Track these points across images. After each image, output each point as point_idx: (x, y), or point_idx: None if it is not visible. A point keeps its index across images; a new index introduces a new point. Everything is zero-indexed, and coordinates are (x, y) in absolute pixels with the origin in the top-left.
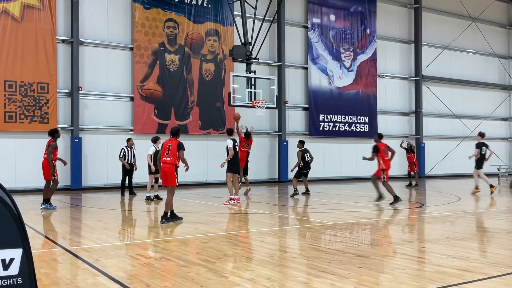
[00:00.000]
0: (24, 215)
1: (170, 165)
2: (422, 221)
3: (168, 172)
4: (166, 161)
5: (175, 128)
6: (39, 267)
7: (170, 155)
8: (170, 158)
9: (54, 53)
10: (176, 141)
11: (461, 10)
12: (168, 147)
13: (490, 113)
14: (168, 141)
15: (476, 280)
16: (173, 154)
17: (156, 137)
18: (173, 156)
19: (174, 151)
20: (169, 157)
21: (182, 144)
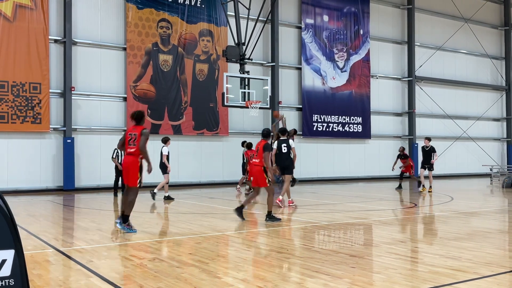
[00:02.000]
0: (16, 216)
1: (259, 167)
2: (415, 221)
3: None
4: (254, 163)
5: (265, 131)
6: (31, 268)
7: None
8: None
9: (46, 53)
10: (264, 142)
11: (454, 11)
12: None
13: (483, 113)
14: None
15: (468, 280)
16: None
17: (166, 137)
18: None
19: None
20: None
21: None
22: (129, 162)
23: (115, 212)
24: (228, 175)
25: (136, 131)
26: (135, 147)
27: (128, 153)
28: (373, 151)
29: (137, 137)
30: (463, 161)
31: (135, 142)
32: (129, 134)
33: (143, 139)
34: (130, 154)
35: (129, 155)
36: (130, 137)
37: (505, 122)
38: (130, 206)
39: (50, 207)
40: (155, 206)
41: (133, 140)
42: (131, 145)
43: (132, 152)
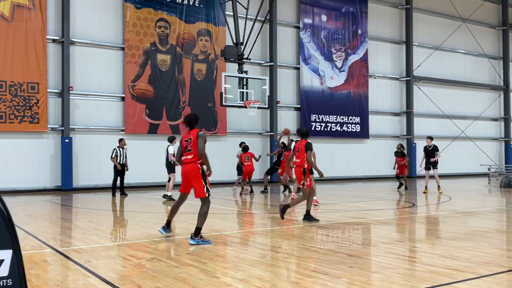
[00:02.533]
0: (14, 216)
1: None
2: (413, 220)
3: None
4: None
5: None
6: (29, 268)
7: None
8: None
9: (44, 53)
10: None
11: (452, 11)
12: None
13: (481, 113)
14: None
15: (467, 279)
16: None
17: (173, 136)
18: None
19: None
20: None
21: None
22: (189, 171)
23: (113, 212)
24: (227, 175)
25: (191, 135)
26: (192, 152)
27: (186, 161)
28: (371, 151)
29: (193, 141)
30: (461, 161)
31: (191, 147)
32: (184, 140)
33: (200, 141)
34: (188, 161)
35: (188, 163)
36: (185, 143)
37: (503, 122)
38: (204, 217)
39: (48, 207)
40: (154, 206)
41: (188, 145)
42: (188, 151)
43: (190, 159)
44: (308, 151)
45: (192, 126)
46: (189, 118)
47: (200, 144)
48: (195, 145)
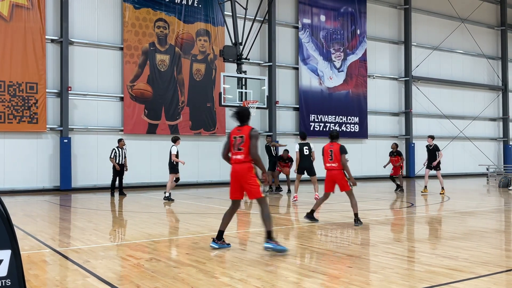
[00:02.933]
0: (13, 216)
1: (338, 171)
2: (412, 220)
3: (337, 178)
4: (332, 167)
5: (335, 132)
6: (28, 268)
7: (335, 161)
8: (336, 163)
9: (43, 53)
10: (338, 144)
11: (451, 11)
12: (330, 152)
13: (479, 113)
14: (328, 146)
15: (465, 279)
16: (337, 159)
17: (176, 136)
18: (338, 162)
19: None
20: (334, 163)
21: (344, 147)
22: (240, 171)
23: (112, 212)
24: (226, 175)
25: (243, 132)
26: (242, 152)
27: (236, 160)
28: (370, 151)
29: (245, 140)
30: (459, 161)
31: (242, 146)
32: (234, 137)
33: (254, 142)
34: (239, 161)
35: (238, 163)
36: (234, 140)
37: (502, 122)
38: (270, 219)
39: (46, 207)
40: (153, 206)
41: (239, 144)
42: (238, 150)
43: (241, 159)
44: (343, 154)
45: (243, 121)
46: (240, 113)
47: (254, 146)
48: (247, 145)
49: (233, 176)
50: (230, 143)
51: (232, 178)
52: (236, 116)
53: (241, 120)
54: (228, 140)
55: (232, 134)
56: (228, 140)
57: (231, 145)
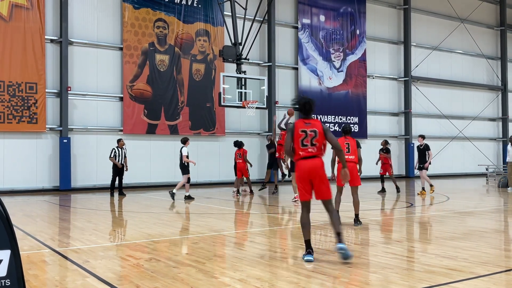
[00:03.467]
0: (12, 216)
1: (354, 163)
2: (411, 220)
3: (353, 171)
4: (349, 159)
5: (348, 127)
6: (27, 268)
7: (352, 153)
8: (353, 156)
9: (42, 53)
10: (353, 139)
11: (450, 11)
12: (347, 145)
13: (479, 113)
14: (344, 139)
15: (464, 279)
16: (355, 152)
17: (186, 138)
18: (355, 155)
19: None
20: (351, 155)
21: (359, 142)
22: (316, 168)
23: (111, 212)
24: (225, 175)
25: (315, 126)
26: (316, 147)
27: (309, 155)
28: (369, 151)
29: (319, 133)
30: (459, 161)
31: (316, 141)
32: (302, 131)
33: (331, 135)
34: (312, 156)
35: (312, 159)
36: (303, 135)
37: (501, 122)
38: (339, 220)
39: (46, 207)
40: (153, 206)
41: (311, 139)
42: (310, 146)
43: (315, 154)
44: (359, 148)
45: (309, 113)
46: (308, 104)
47: (334, 138)
48: (322, 139)
49: (305, 173)
50: (298, 137)
51: (304, 176)
52: (304, 107)
53: (308, 112)
54: (293, 134)
55: (298, 127)
56: (292, 134)
57: (298, 139)
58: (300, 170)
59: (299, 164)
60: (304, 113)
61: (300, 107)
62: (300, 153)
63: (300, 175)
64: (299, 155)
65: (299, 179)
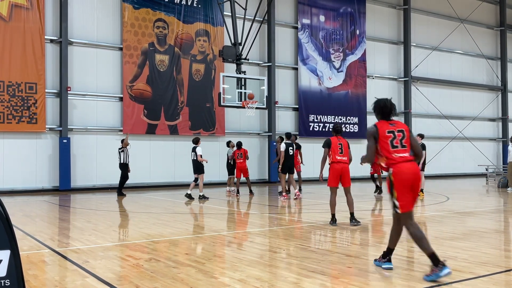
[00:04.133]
0: (12, 216)
1: (347, 164)
2: None
3: (345, 171)
4: (342, 160)
5: (339, 126)
6: (27, 268)
7: (345, 155)
8: (346, 157)
9: (42, 53)
10: (345, 139)
11: (450, 12)
12: (340, 145)
13: (478, 113)
14: (336, 139)
15: (464, 279)
16: (347, 153)
17: (197, 138)
18: (347, 156)
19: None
20: (344, 156)
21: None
22: (416, 171)
23: (111, 212)
24: (225, 175)
25: (401, 126)
26: (407, 149)
27: (405, 159)
28: None
29: (407, 135)
30: (459, 161)
31: (405, 143)
32: (388, 132)
33: (415, 138)
34: (408, 160)
35: (409, 162)
36: (391, 136)
37: (501, 122)
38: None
39: (46, 207)
40: (152, 206)
41: (402, 140)
42: (402, 148)
43: (409, 158)
44: (349, 148)
45: (390, 115)
46: (389, 106)
47: (416, 141)
48: (409, 141)
49: (407, 178)
50: (388, 139)
51: (406, 182)
52: (389, 109)
53: (388, 115)
54: (378, 135)
55: (384, 128)
56: (377, 135)
57: (389, 143)
58: (401, 175)
59: (397, 169)
60: (388, 115)
61: (387, 109)
62: (394, 156)
63: (402, 181)
64: (394, 159)
65: (401, 186)
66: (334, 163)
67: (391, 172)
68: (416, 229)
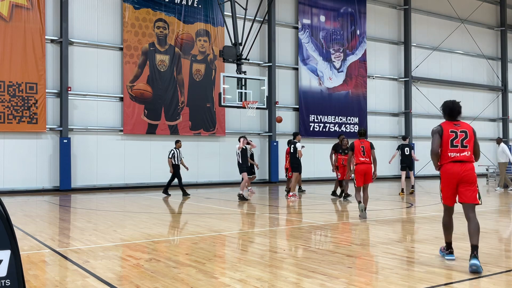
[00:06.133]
0: (12, 216)
1: (369, 165)
2: (412, 221)
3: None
4: (366, 161)
5: (363, 129)
6: (27, 268)
7: (367, 156)
8: (368, 158)
9: (43, 53)
10: (368, 142)
11: (450, 12)
12: (362, 148)
13: (479, 114)
14: (359, 142)
15: (465, 279)
16: (369, 155)
17: (243, 136)
18: (369, 157)
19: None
20: (366, 157)
21: (373, 144)
22: (469, 171)
23: (111, 212)
24: (225, 175)
25: (465, 127)
26: (468, 149)
27: (463, 158)
28: None
29: (470, 136)
30: None
31: (466, 143)
32: (452, 131)
33: (476, 140)
34: (466, 160)
35: (465, 162)
36: (453, 135)
37: (501, 122)
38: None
39: (46, 207)
40: (153, 206)
41: (463, 140)
42: (463, 147)
43: (468, 157)
44: (373, 149)
45: (457, 116)
46: (457, 107)
47: (478, 144)
48: (472, 142)
49: (455, 177)
50: (449, 137)
51: (452, 179)
52: (456, 111)
53: (457, 115)
54: (442, 135)
55: (447, 128)
56: (441, 135)
57: (448, 141)
58: (449, 173)
59: (449, 167)
60: (454, 116)
61: (455, 110)
62: (450, 155)
63: (449, 178)
64: (450, 158)
65: (447, 182)
66: (358, 165)
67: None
68: (450, 221)
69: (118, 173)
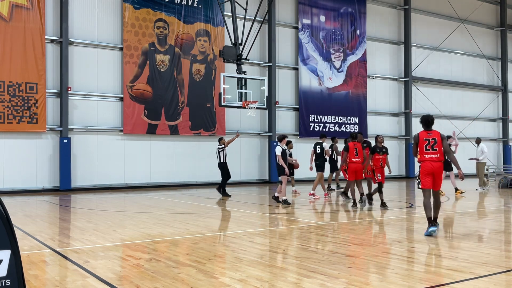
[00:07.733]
0: (12, 216)
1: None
2: (411, 221)
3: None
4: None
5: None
6: (27, 268)
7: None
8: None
9: (43, 53)
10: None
11: (450, 12)
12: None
13: (479, 114)
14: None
15: (465, 279)
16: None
17: (283, 135)
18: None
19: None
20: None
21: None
22: (438, 167)
23: (111, 212)
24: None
25: (434, 135)
26: (437, 152)
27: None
28: None
29: (438, 142)
30: (459, 161)
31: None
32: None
33: (446, 143)
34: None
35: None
36: (426, 142)
37: (501, 122)
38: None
39: (46, 207)
40: (153, 206)
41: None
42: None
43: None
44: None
45: (430, 126)
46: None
47: (447, 146)
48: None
49: (429, 170)
50: (422, 144)
51: (428, 172)
52: (430, 123)
53: (430, 125)
54: (418, 142)
55: (422, 136)
56: (417, 142)
57: (423, 146)
58: (427, 168)
59: (425, 164)
60: (428, 126)
61: (427, 121)
62: (425, 156)
63: (426, 171)
64: (424, 158)
65: (424, 173)
66: (350, 163)
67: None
68: (429, 200)
69: (118, 173)
